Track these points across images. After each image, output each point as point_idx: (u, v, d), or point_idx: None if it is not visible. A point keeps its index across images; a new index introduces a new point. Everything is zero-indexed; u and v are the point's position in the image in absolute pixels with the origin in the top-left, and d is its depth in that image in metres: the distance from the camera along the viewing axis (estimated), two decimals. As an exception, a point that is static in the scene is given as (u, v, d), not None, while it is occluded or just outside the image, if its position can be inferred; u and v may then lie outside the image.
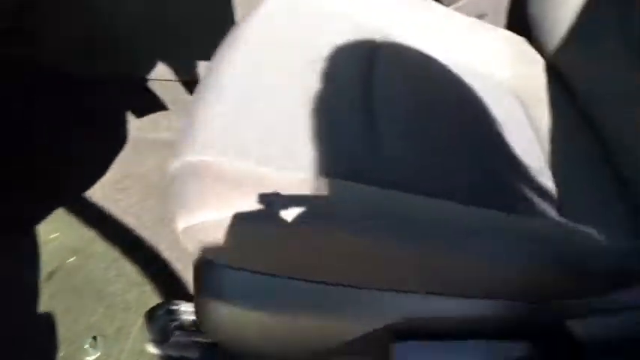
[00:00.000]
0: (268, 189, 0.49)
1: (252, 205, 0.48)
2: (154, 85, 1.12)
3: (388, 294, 0.52)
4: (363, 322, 0.53)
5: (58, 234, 0.97)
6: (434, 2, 0.88)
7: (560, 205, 0.60)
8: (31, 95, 1.11)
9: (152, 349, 0.74)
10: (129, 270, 0.91)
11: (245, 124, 0.55)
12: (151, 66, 1.08)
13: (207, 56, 0.75)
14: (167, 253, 0.94)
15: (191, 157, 0.52)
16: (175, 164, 0.53)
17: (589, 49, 0.73)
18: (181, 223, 0.51)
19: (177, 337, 0.73)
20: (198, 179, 0.51)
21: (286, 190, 0.48)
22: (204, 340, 0.74)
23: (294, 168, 0.51)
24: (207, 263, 0.54)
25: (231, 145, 0.52)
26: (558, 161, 0.68)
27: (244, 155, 0.51)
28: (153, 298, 0.87)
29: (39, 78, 1.10)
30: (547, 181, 0.64)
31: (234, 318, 0.55)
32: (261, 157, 0.51)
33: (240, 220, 0.47)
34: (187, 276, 0.89)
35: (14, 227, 0.97)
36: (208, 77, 0.64)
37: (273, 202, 0.48)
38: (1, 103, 1.06)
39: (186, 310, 0.75)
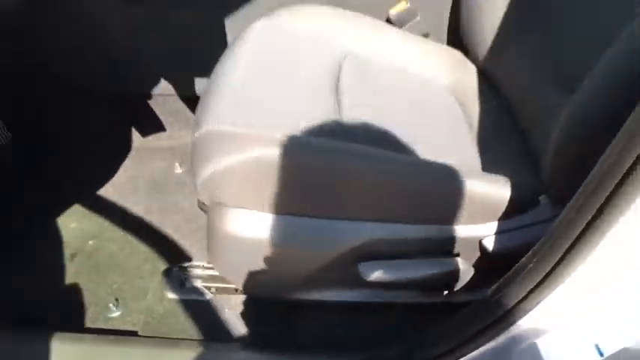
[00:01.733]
0: (263, 145, 0.68)
1: (252, 157, 0.67)
2: (156, 100, 1.31)
3: (354, 223, 0.71)
4: (336, 248, 0.72)
5: (76, 224, 1.14)
6: (388, 25, 1.10)
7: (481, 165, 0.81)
8: (44, 106, 1.29)
9: (171, 295, 0.91)
10: (142, 249, 1.08)
11: (245, 104, 0.74)
12: (154, 82, 1.27)
13: (204, 74, 0.97)
14: (174, 235, 1.11)
15: (210, 127, 0.71)
16: (198, 132, 0.71)
17: (504, 54, 0.96)
18: (202, 174, 0.70)
19: (191, 284, 0.90)
20: (215, 141, 0.70)
21: (275, 145, 0.67)
22: (214, 285, 0.91)
23: (282, 130, 0.70)
24: (218, 206, 0.72)
25: (237, 117, 0.71)
26: (482, 137, 0.90)
27: (248, 124, 0.70)
28: (164, 267, 1.03)
29: (50, 90, 1.27)
30: (473, 151, 0.86)
31: (232, 250, 0.73)
32: (258, 124, 0.70)
33: (244, 165, 0.67)
34: (192, 251, 1.06)
35: (40, 218, 1.14)
36: (215, 76, 0.85)
37: (265, 154, 0.67)
38: (16, 112, 1.23)
39: (195, 266, 0.92)
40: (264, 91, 0.79)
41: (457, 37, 1.13)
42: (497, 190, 0.71)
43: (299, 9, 1.07)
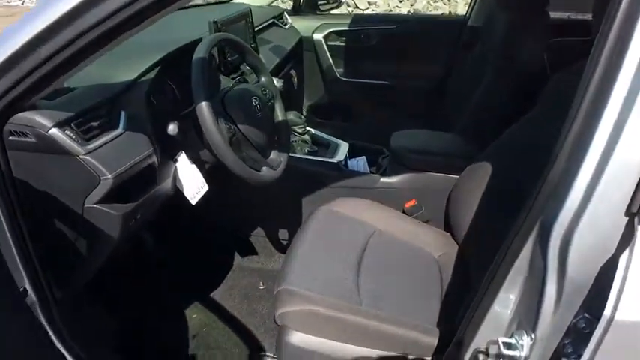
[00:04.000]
0: (314, 303, 1.32)
1: (305, 308, 1.31)
2: (255, 238, 2.04)
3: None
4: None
5: (197, 314, 1.83)
6: (403, 214, 1.77)
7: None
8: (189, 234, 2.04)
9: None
10: (234, 338, 1.74)
11: (307, 272, 1.41)
12: (255, 228, 2.01)
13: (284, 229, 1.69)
14: (255, 331, 1.76)
15: (285, 286, 1.37)
16: (279, 287, 1.37)
17: (471, 242, 1.57)
18: (279, 310, 1.35)
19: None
20: (286, 294, 1.35)
21: (320, 304, 1.32)
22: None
23: (326, 294, 1.34)
24: (285, 327, 1.37)
25: (301, 281, 1.37)
26: (447, 294, 1.50)
27: (307, 287, 1.35)
28: (251, 354, 1.68)
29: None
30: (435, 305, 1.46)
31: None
32: (313, 288, 1.35)
33: (300, 313, 1.32)
34: (266, 344, 1.71)
35: (175, 308, 1.84)
36: (293, 245, 1.53)
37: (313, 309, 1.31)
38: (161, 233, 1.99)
39: (267, 356, 1.56)
40: (319, 262, 1.46)
41: (448, 224, 1.77)
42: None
43: (347, 200, 1.76)
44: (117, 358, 1.50)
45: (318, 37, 2.72)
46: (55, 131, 1.07)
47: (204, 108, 1.17)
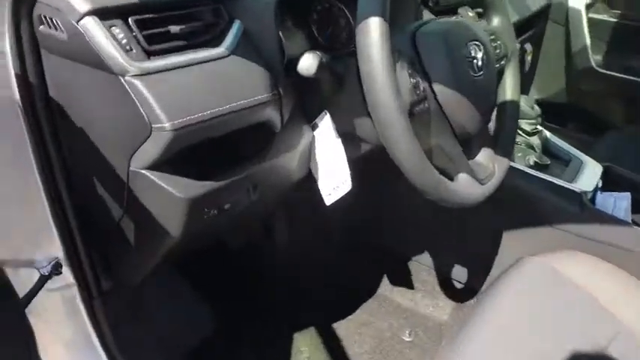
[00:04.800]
0: None
1: None
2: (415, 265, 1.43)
3: None
4: None
5: (306, 350, 1.29)
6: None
7: None
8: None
9: None
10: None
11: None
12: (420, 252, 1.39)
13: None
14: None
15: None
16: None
17: None
18: None
19: None
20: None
21: None
22: None
23: None
24: None
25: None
26: None
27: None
28: None
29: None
30: None
31: None
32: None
33: None
34: None
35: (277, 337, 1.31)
36: (475, 313, 0.89)
37: None
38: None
39: None
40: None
41: None
42: None
43: (582, 258, 1.04)
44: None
45: (577, 4, 1.90)
46: (89, 21, 0.57)
47: (372, 29, 0.57)
